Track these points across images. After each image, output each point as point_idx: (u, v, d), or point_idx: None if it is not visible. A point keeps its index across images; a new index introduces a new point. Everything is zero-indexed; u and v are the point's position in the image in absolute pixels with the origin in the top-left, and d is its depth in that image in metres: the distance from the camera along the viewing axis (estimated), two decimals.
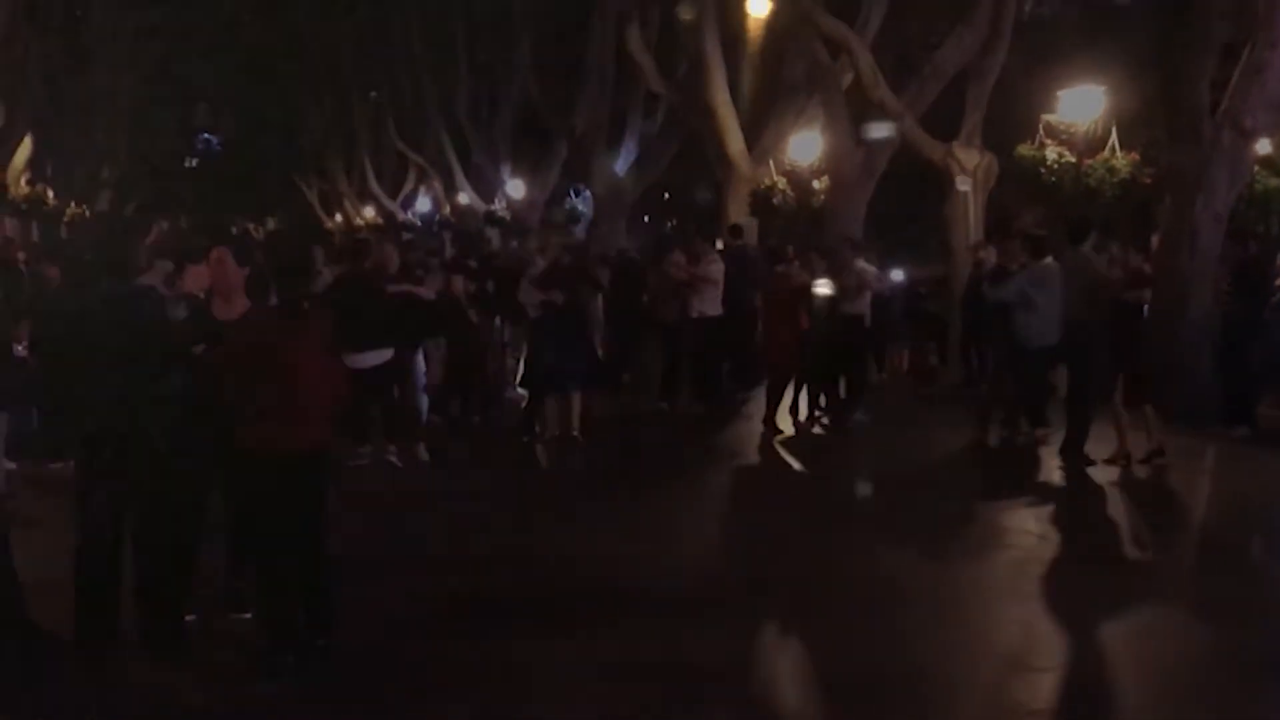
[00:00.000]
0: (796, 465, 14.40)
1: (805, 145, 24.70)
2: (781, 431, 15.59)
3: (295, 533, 7.21)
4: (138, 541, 7.43)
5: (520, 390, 15.85)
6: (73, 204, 40.60)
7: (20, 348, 9.21)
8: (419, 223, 50.69)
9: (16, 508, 9.16)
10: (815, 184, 24.12)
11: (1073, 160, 18.56)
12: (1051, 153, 18.76)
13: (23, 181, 31.93)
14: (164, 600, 7.51)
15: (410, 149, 47.62)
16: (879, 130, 21.29)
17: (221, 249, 8.03)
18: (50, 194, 35.09)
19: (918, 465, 13.83)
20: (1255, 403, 15.31)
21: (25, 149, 31.65)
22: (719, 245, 20.24)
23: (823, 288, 15.64)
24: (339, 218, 60.71)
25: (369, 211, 56.66)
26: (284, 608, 7.19)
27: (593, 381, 15.24)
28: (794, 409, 16.21)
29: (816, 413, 16.25)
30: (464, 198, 43.09)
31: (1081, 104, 18.79)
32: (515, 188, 39.46)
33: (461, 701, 6.99)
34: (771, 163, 25.07)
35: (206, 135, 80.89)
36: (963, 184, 19.95)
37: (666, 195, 46.22)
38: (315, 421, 7.22)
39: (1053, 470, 13.16)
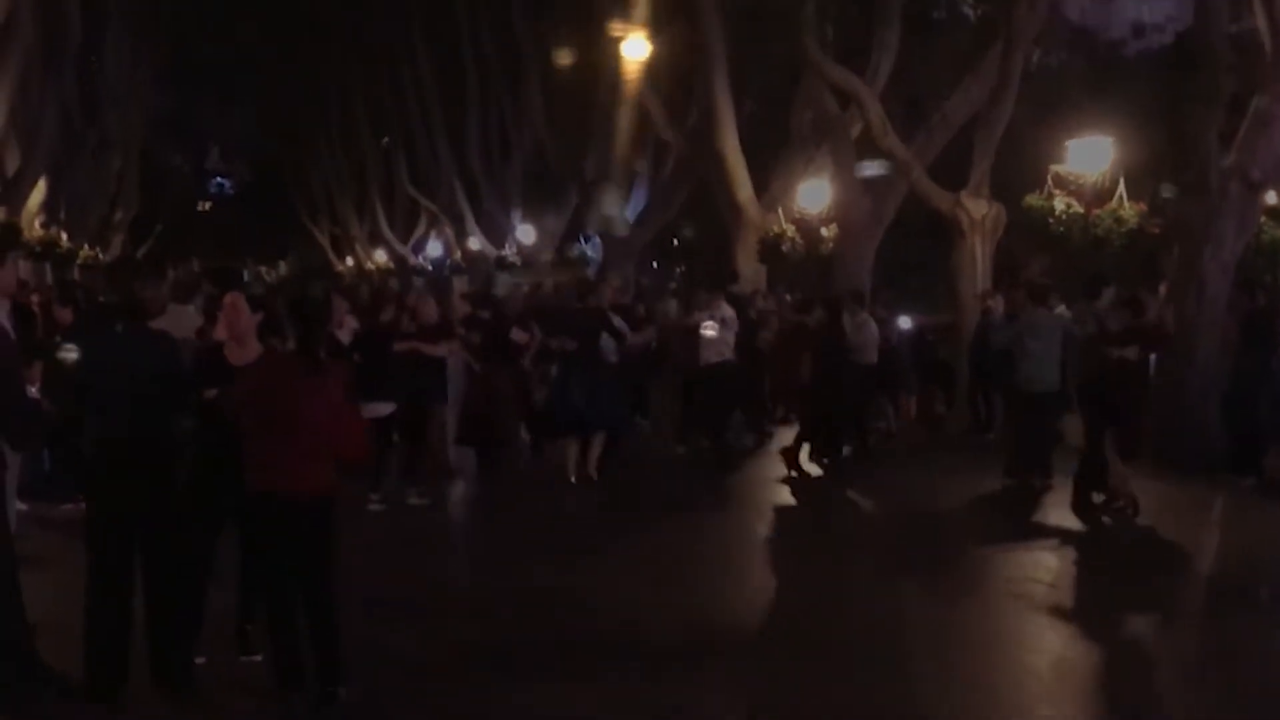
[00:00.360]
0: (804, 510, 14.41)
1: (814, 193, 24.80)
2: (803, 474, 15.74)
3: (303, 577, 7.25)
4: (148, 583, 7.46)
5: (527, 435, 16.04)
6: (86, 247, 40.78)
7: (33, 389, 9.25)
8: (430, 267, 50.87)
9: (27, 548, 9.19)
10: (824, 231, 24.23)
11: (1081, 210, 18.62)
12: (1060, 203, 18.81)
13: (36, 224, 32.08)
14: (174, 642, 7.54)
15: (422, 194, 47.88)
16: (871, 169, 21.43)
17: (235, 295, 8.09)
18: (64, 237, 35.24)
19: (926, 511, 13.82)
20: (1263, 452, 15.29)
21: (39, 192, 31.81)
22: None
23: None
24: (350, 261, 60.97)
25: (380, 255, 56.91)
26: (293, 651, 7.23)
27: (615, 425, 15.33)
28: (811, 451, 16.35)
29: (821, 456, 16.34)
30: (475, 243, 43.29)
31: (1090, 155, 18.86)
32: (526, 233, 39.63)
33: None
34: (780, 210, 25.18)
35: (219, 179, 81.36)
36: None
37: (675, 241, 46.37)
38: (325, 468, 7.27)
39: (1061, 517, 13.18)
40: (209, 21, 49.65)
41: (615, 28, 27.41)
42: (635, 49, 27.14)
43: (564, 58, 35.43)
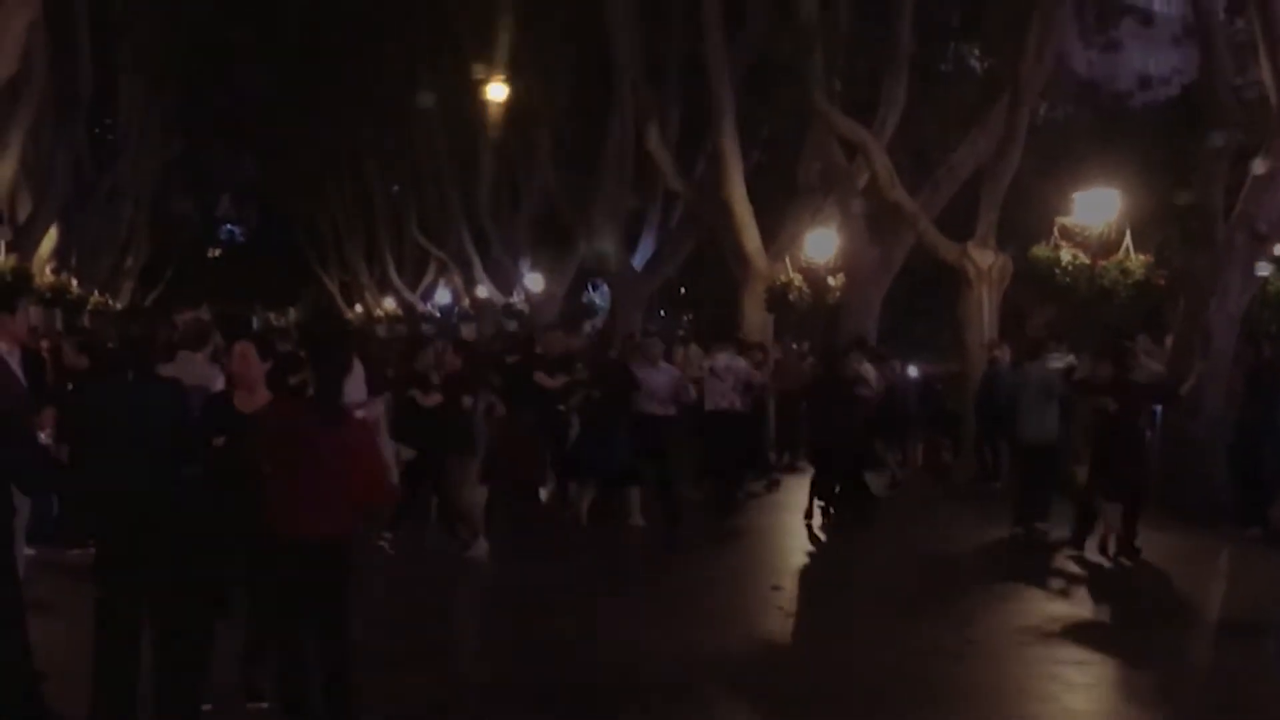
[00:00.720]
0: (811, 557, 14.45)
1: (821, 243, 24.88)
2: (824, 518, 15.94)
3: (321, 620, 7.28)
4: (155, 631, 7.48)
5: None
6: (96, 293, 40.92)
7: (44, 435, 9.32)
8: (438, 314, 51.02)
9: (35, 594, 9.21)
10: (831, 281, 24.28)
11: (1087, 261, 18.66)
12: (1066, 254, 18.85)
13: (47, 270, 32.21)
14: (181, 689, 7.55)
15: (431, 242, 48.03)
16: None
17: (245, 344, 8.16)
18: (74, 283, 35.38)
19: (932, 559, 13.86)
20: (1269, 503, 15.31)
21: (50, 239, 31.95)
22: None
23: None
24: (359, 308, 61.13)
25: (389, 303, 57.05)
26: (304, 695, 7.23)
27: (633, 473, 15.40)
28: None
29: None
30: (483, 290, 43.39)
31: (1096, 206, 18.91)
32: (534, 281, 39.74)
33: None
34: (788, 259, 25.26)
35: (229, 226, 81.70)
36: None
37: (683, 290, 46.47)
38: (345, 512, 7.29)
39: (1067, 567, 13.21)
40: (220, 71, 50.01)
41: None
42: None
43: (572, 105, 35.66)
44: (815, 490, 16.18)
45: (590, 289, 44.44)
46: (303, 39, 42.13)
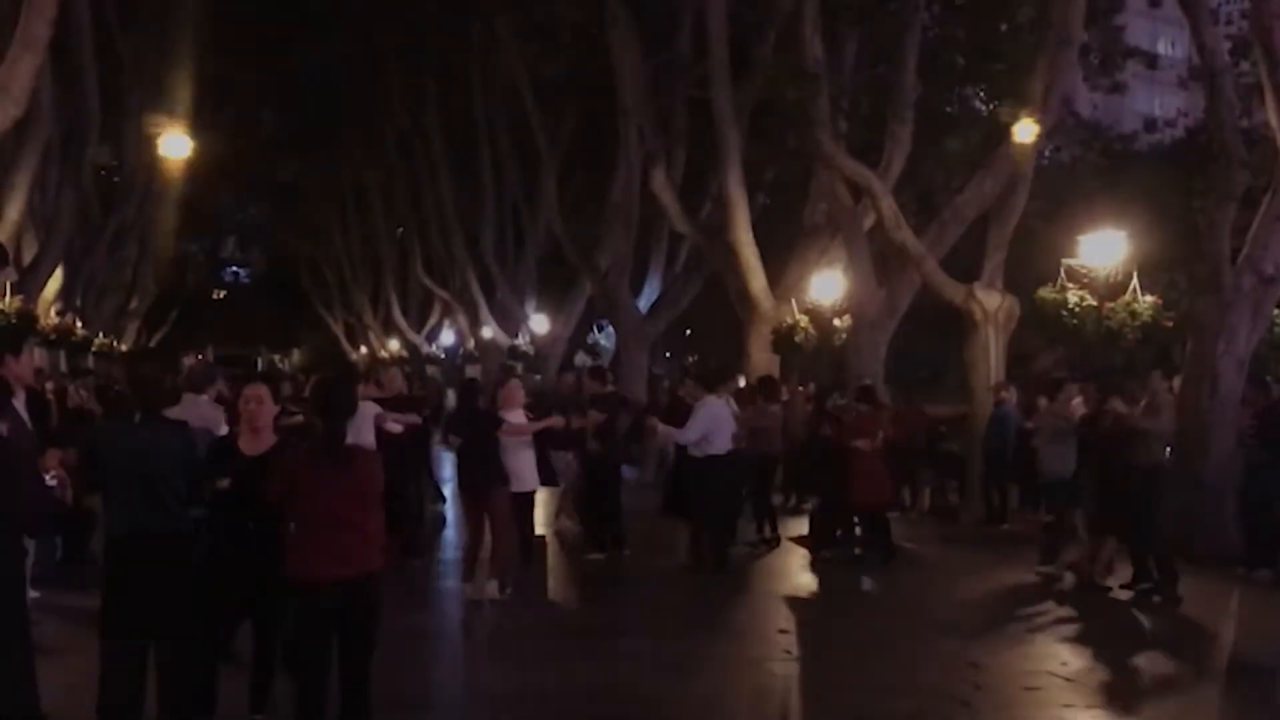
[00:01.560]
0: (817, 600, 14.37)
1: (827, 284, 24.87)
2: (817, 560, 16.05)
3: (344, 663, 7.23)
4: (161, 672, 7.44)
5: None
6: (100, 335, 40.94)
7: (50, 476, 9.28)
8: (443, 355, 51.03)
9: (39, 636, 9.16)
10: (837, 322, 24.25)
11: (1094, 304, 18.65)
12: (1073, 296, 18.84)
13: (52, 312, 32.19)
14: None
15: (436, 284, 48.11)
16: None
17: (261, 388, 8.13)
18: (79, 324, 35.38)
19: (940, 603, 13.81)
20: (1278, 546, 15.24)
21: (56, 280, 31.97)
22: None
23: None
24: (364, 349, 61.20)
25: (394, 344, 57.10)
26: None
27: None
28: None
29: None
30: (488, 332, 43.43)
31: (1102, 248, 18.92)
32: (539, 322, 39.78)
33: None
34: (794, 301, 25.24)
35: (234, 268, 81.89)
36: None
37: (688, 331, 46.48)
38: (355, 555, 7.24)
39: (1080, 609, 13.19)
40: (225, 113, 50.14)
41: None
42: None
43: (578, 147, 35.77)
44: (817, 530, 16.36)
45: (595, 330, 44.44)
46: (307, 80, 42.33)
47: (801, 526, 17.77)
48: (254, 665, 8.01)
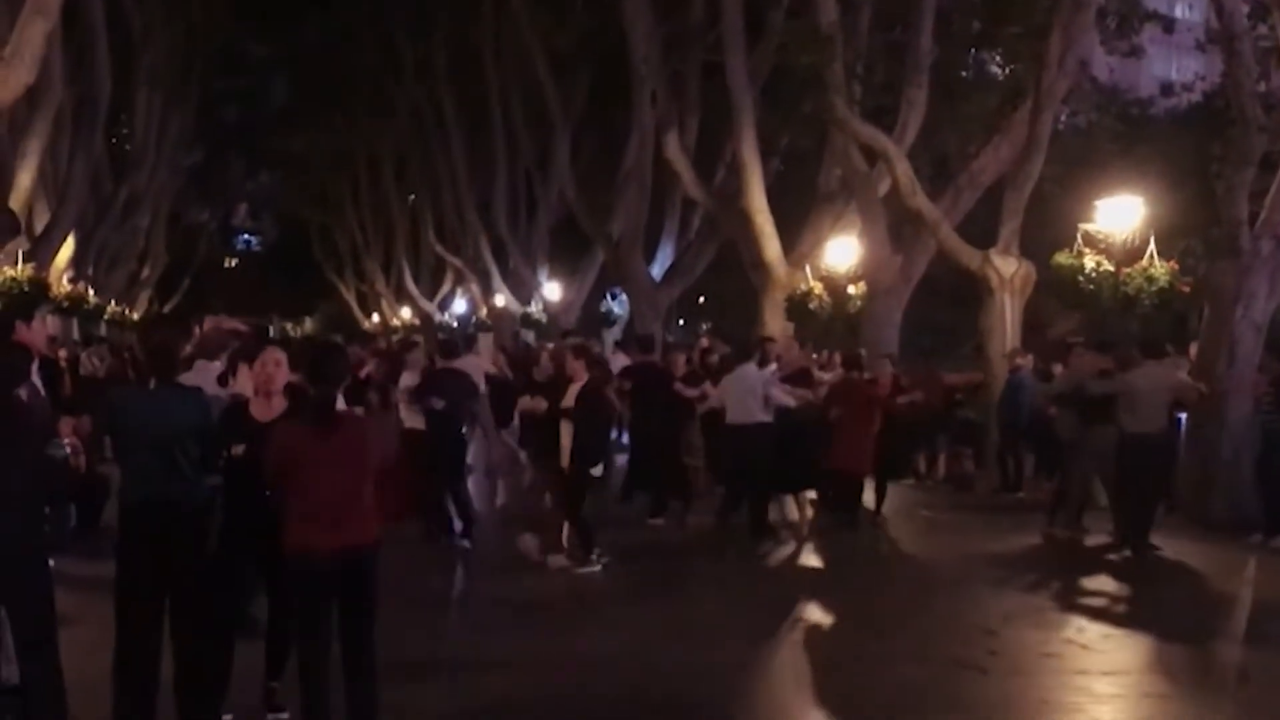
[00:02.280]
0: (831, 569, 14.33)
1: (842, 251, 24.77)
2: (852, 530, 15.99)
3: (345, 633, 7.20)
4: (176, 642, 7.41)
5: None
6: (112, 303, 41.00)
7: (65, 443, 9.26)
8: (455, 323, 51.00)
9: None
10: (851, 289, 24.16)
11: (1111, 269, 18.54)
12: (1090, 261, 18.73)
13: (64, 280, 32.23)
14: (201, 701, 7.49)
15: (448, 251, 48.04)
16: None
17: (279, 352, 8.06)
18: (91, 292, 35.42)
19: (957, 571, 13.70)
20: None
21: (68, 248, 31.99)
22: None
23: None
24: (376, 318, 61.19)
25: (406, 312, 57.08)
26: (323, 707, 7.13)
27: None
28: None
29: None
30: (500, 300, 43.40)
31: (1119, 213, 18.81)
32: (552, 290, 39.73)
33: None
34: (808, 268, 25.15)
35: (246, 236, 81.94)
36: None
37: (702, 299, 46.36)
38: (352, 525, 7.19)
39: (1095, 577, 13.15)
40: (238, 82, 50.12)
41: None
42: None
43: (591, 114, 35.68)
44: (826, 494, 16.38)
45: (609, 297, 44.34)
46: (320, 49, 42.25)
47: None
48: (270, 633, 7.98)
